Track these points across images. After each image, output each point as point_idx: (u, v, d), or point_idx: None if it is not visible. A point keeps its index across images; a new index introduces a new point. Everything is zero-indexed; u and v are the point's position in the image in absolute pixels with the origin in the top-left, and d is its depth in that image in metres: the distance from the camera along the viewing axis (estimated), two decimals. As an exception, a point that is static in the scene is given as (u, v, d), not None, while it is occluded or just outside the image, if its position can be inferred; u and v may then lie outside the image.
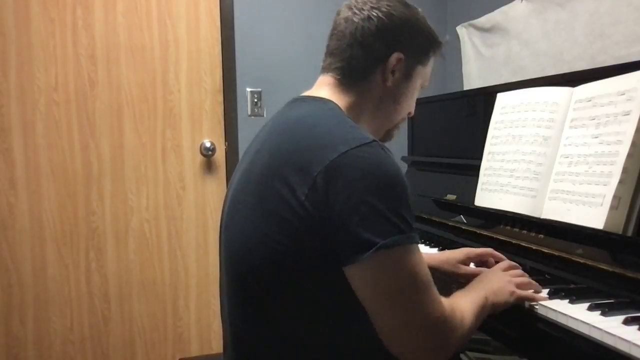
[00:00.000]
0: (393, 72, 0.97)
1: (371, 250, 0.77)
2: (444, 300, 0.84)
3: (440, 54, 1.05)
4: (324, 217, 0.79)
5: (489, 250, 1.19)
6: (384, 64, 0.96)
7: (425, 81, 1.05)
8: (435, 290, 0.83)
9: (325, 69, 1.01)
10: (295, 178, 0.81)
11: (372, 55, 0.96)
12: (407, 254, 0.80)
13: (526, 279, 1.02)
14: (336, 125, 0.86)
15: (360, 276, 0.80)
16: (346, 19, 0.97)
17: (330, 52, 1.00)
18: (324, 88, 0.98)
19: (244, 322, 0.90)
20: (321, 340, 0.86)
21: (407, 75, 0.99)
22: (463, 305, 0.89)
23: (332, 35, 1.00)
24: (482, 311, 0.92)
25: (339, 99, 0.96)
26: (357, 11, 0.96)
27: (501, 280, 1.00)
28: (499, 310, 0.97)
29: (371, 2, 0.96)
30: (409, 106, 1.04)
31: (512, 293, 0.98)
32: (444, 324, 0.82)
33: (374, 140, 0.83)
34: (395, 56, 0.96)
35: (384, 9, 0.95)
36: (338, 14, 1.00)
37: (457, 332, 0.84)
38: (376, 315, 0.81)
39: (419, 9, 1.01)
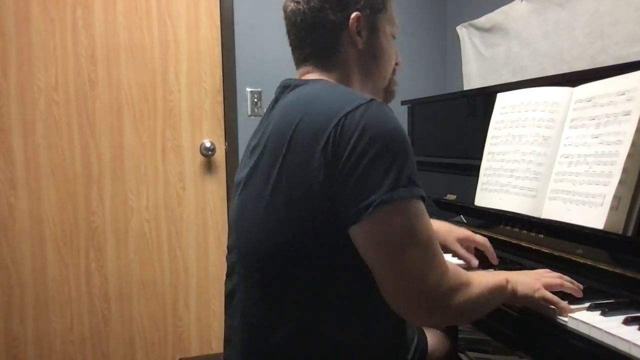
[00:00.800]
0: (359, 32, 0.96)
1: (371, 207, 0.77)
2: (451, 265, 0.83)
3: None
4: (333, 184, 0.80)
5: (487, 243, 1.21)
6: (345, 30, 0.95)
7: (394, 27, 1.03)
8: (437, 249, 0.82)
9: (298, 63, 1.01)
10: (306, 152, 0.81)
11: (330, 28, 0.95)
12: (407, 209, 0.79)
13: (557, 280, 0.97)
14: (333, 94, 0.87)
15: (361, 234, 0.80)
16: (292, 11, 0.97)
17: (294, 46, 1.00)
18: (307, 76, 0.98)
19: (261, 310, 0.90)
20: (337, 323, 0.86)
21: (373, 29, 0.98)
22: (473, 275, 0.87)
23: (288, 32, 1.01)
24: (499, 292, 0.89)
25: (327, 78, 0.96)
26: None
27: (528, 276, 0.98)
28: (520, 303, 0.96)
29: None
30: (391, 57, 1.03)
31: (537, 290, 0.94)
32: (442, 284, 0.80)
33: (372, 99, 0.83)
34: (353, 17, 0.95)
35: None
36: (285, 10, 1.00)
37: (459, 296, 0.82)
38: (378, 272, 0.81)
39: None
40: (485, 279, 0.89)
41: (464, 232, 1.23)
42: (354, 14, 0.95)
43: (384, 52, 1.01)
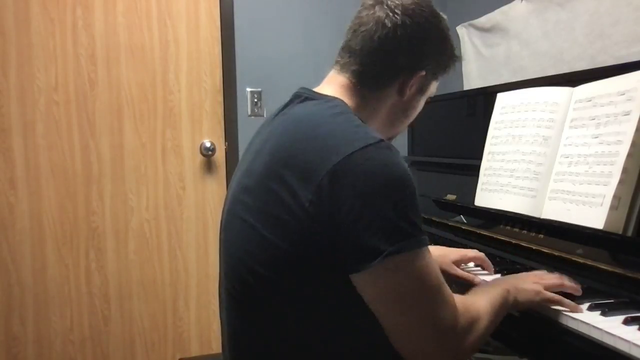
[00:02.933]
0: (412, 86, 0.94)
1: (379, 258, 0.74)
2: (458, 300, 0.82)
3: (453, 69, 1.01)
4: (328, 224, 0.76)
5: (481, 255, 1.19)
6: (402, 78, 0.93)
7: (432, 94, 1.02)
8: (447, 293, 0.80)
9: (341, 67, 0.94)
10: (297, 183, 0.78)
11: (396, 67, 0.92)
12: (416, 259, 0.77)
13: (557, 280, 0.97)
14: (340, 125, 0.82)
15: (367, 283, 0.78)
16: (377, 19, 0.90)
17: (351, 50, 0.93)
18: (335, 87, 0.93)
19: (242, 323, 0.89)
20: (317, 346, 0.84)
21: (422, 89, 0.97)
22: (479, 303, 0.86)
23: (355, 31, 0.92)
24: (501, 308, 0.89)
25: (349, 100, 0.91)
26: (390, 13, 0.89)
27: (527, 280, 0.97)
28: (522, 309, 0.95)
29: (404, 5, 0.90)
30: (413, 118, 1.02)
31: (538, 293, 0.94)
32: (455, 328, 0.80)
33: (380, 140, 0.79)
34: (418, 73, 0.93)
35: (418, 18, 0.90)
36: (365, 7, 0.92)
37: (471, 335, 0.82)
38: (385, 319, 0.80)
39: (445, 18, 0.96)
40: (489, 299, 0.88)
41: (458, 252, 1.20)
42: (421, 72, 0.93)
43: (414, 112, 1.00)
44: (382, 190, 0.76)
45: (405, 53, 0.91)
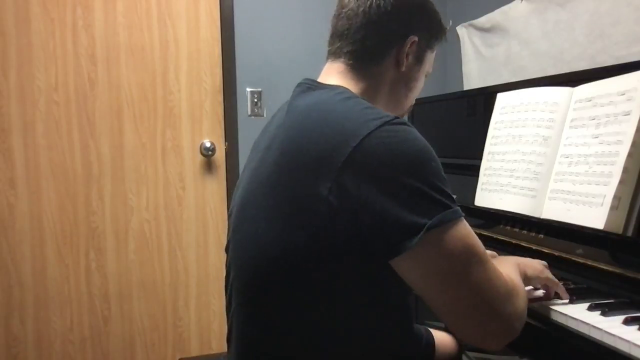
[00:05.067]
0: (407, 55, 0.92)
1: (420, 234, 0.71)
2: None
3: (444, 40, 1.01)
4: (354, 211, 0.73)
5: None
6: (398, 46, 0.91)
7: (429, 68, 1.01)
8: (492, 262, 0.78)
9: (334, 54, 0.94)
10: (313, 172, 0.75)
11: (387, 36, 0.90)
12: (458, 229, 0.75)
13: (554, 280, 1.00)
14: (351, 109, 0.80)
15: (412, 264, 0.74)
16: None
17: (339, 34, 0.92)
18: (334, 76, 0.92)
19: (252, 321, 0.87)
20: (328, 344, 0.83)
21: (419, 59, 0.95)
22: (503, 268, 0.84)
23: (339, 15, 0.93)
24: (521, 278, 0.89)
25: (350, 86, 0.90)
26: None
27: (528, 259, 0.99)
28: (530, 284, 0.96)
29: None
30: (417, 93, 1.00)
31: (543, 271, 0.96)
32: (512, 291, 0.78)
33: (395, 117, 0.77)
34: (410, 39, 0.91)
35: None
36: None
37: (523, 299, 0.81)
38: (439, 302, 0.77)
39: None
40: (511, 271, 0.87)
41: None
42: (412, 36, 0.92)
43: (416, 85, 0.98)
44: (407, 165, 0.74)
45: (393, 18, 0.90)
